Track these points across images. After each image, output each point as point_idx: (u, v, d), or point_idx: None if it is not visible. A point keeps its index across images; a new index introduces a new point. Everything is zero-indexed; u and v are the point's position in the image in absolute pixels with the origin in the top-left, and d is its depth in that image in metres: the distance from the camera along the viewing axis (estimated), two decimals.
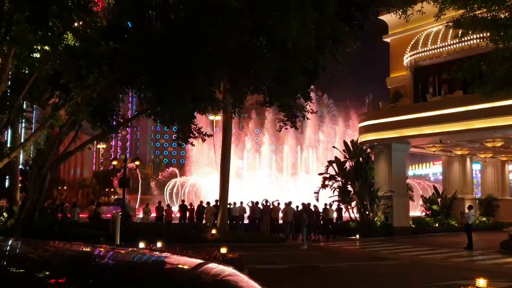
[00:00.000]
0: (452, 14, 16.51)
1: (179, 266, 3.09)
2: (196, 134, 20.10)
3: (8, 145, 28.42)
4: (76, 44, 14.55)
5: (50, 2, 12.87)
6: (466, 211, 26.83)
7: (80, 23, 15.83)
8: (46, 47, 14.00)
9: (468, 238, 24.20)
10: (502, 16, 15.02)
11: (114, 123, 21.60)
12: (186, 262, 3.15)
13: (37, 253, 3.36)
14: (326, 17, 16.91)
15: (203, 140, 20.91)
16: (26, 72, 16.29)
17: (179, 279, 2.70)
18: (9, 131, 29.62)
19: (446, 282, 13.69)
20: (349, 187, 32.65)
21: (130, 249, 3.78)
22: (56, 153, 19.53)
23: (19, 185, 30.66)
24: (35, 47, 13.63)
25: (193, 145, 20.61)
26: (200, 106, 17.90)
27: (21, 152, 27.49)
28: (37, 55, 14.35)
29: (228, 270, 2.88)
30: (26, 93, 16.34)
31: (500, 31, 14.96)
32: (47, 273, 2.60)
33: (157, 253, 4.11)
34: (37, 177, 18.31)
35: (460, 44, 29.34)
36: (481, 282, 10.33)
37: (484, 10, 15.16)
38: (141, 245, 15.14)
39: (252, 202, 31.62)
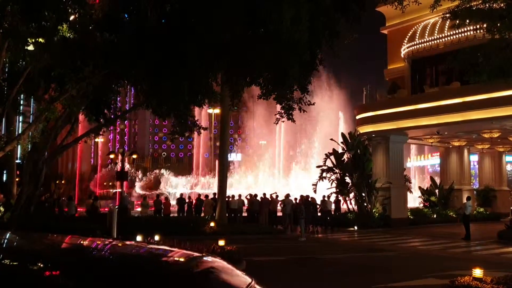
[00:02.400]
0: (448, 5, 16.45)
1: (170, 258, 3.08)
2: (193, 127, 20.04)
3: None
4: (71, 36, 14.44)
5: None
6: (464, 201, 26.90)
7: (76, 15, 15.73)
8: (40, 40, 13.90)
9: (465, 229, 24.25)
10: (498, 7, 14.97)
11: (111, 116, 21.50)
12: (178, 254, 3.14)
13: (31, 246, 3.35)
14: (322, 9, 16.82)
15: (199, 133, 20.83)
16: (22, 64, 16.19)
17: (168, 270, 2.69)
18: (3, 124, 29.49)
19: (444, 273, 13.71)
20: (347, 179, 32.69)
21: (119, 242, 3.76)
22: (52, 146, 19.46)
23: (16, 179, 30.62)
24: (29, 39, 13.54)
25: (190, 138, 20.52)
26: (196, 98, 17.83)
27: (18, 146, 27.44)
28: (31, 47, 14.26)
29: (217, 261, 2.88)
30: (21, 86, 16.24)
31: (496, 22, 14.92)
32: (38, 265, 2.59)
33: (149, 246, 4.09)
34: (33, 171, 18.26)
35: (457, 36, 29.30)
36: (478, 272, 10.37)
37: (480, 1, 15.11)
38: (139, 238, 15.11)
39: (250, 195, 31.61)
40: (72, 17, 15.14)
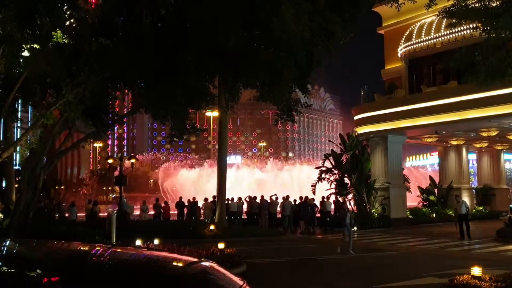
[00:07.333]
0: (444, 4, 16.48)
1: (165, 263, 3.09)
2: (191, 130, 20.01)
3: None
4: (66, 42, 14.42)
5: (37, 0, 12.76)
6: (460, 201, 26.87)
7: (72, 20, 15.70)
8: (35, 45, 13.88)
9: (459, 230, 24.11)
10: (494, 5, 14.99)
11: (108, 120, 21.44)
12: (168, 259, 3.16)
13: (29, 253, 3.36)
14: (317, 10, 16.83)
15: (197, 136, 20.84)
16: (19, 70, 16.16)
17: (163, 276, 2.71)
18: (1, 130, 29.46)
19: (443, 272, 13.72)
20: (346, 180, 32.65)
21: (116, 248, 3.77)
22: (50, 152, 19.42)
23: (16, 185, 30.60)
24: (23, 46, 13.52)
25: (188, 140, 20.49)
26: (193, 101, 17.82)
27: (17, 152, 27.43)
28: (26, 53, 14.24)
29: (207, 265, 2.90)
30: (17, 92, 16.24)
31: (492, 21, 14.93)
32: (35, 272, 2.61)
33: (141, 251, 4.11)
34: (31, 177, 18.23)
35: (454, 35, 29.33)
36: (476, 270, 10.37)
37: (475, 0, 15.14)
38: (138, 242, 15.11)
39: (250, 197, 31.58)
40: (68, 23, 15.13)
